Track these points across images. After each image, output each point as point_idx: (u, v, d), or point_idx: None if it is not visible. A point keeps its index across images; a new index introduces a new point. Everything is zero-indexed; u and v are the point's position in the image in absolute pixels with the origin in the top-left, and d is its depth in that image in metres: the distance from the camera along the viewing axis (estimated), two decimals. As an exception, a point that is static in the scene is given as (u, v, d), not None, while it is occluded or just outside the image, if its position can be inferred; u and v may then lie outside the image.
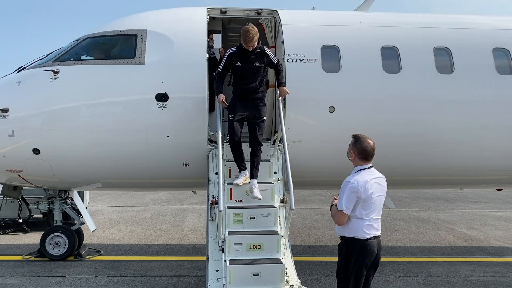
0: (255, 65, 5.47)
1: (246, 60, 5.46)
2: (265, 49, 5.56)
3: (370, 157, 3.90)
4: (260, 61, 5.51)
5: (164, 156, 6.18)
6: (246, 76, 5.49)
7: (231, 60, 5.51)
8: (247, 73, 5.48)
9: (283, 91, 5.67)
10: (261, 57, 5.51)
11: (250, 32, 5.23)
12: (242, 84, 5.51)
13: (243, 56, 5.44)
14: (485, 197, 16.13)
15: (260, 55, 5.49)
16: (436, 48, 6.56)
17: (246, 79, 5.49)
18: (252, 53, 5.41)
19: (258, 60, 5.49)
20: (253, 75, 5.49)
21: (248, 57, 5.44)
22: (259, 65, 5.50)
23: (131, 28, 6.36)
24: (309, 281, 5.95)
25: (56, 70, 6.08)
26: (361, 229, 3.76)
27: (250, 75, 5.48)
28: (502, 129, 6.58)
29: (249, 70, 5.47)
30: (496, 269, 6.88)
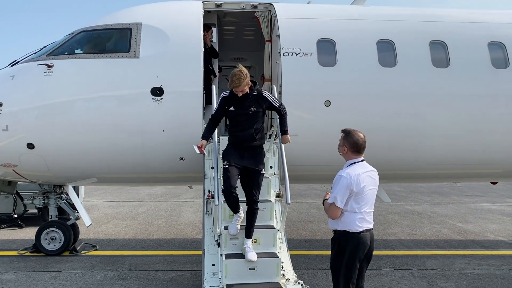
0: (250, 110, 4.81)
1: (240, 105, 4.82)
2: (263, 92, 4.90)
3: (362, 149, 3.91)
4: (257, 105, 4.84)
5: (160, 150, 6.16)
6: (240, 122, 4.85)
7: (223, 104, 4.91)
8: (241, 119, 4.84)
9: (285, 139, 5.13)
10: (258, 102, 4.85)
11: (236, 77, 4.61)
12: (237, 131, 4.88)
13: (237, 100, 4.82)
14: (480, 191, 16.24)
15: (256, 99, 4.85)
16: (432, 42, 6.56)
17: (241, 126, 4.85)
18: (246, 97, 4.79)
19: (254, 104, 4.83)
20: (249, 122, 4.83)
21: (242, 102, 4.81)
22: (255, 110, 4.83)
23: (126, 21, 6.31)
24: (305, 275, 5.97)
25: (50, 64, 6.04)
26: (354, 222, 3.77)
27: (245, 121, 4.82)
28: (497, 123, 6.60)
29: (244, 116, 4.82)
30: (491, 262, 6.93)
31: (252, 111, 4.82)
